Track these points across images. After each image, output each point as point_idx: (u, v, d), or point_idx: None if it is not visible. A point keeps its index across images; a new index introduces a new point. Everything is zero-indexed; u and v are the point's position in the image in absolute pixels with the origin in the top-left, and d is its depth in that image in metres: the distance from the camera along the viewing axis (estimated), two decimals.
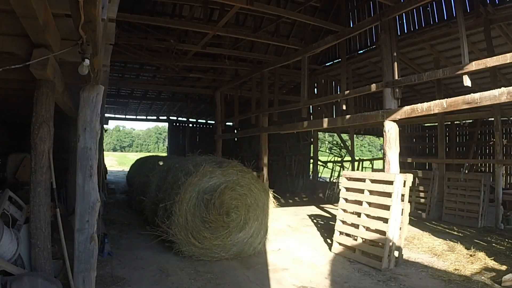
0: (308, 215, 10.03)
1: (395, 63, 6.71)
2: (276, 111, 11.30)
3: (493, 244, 7.00)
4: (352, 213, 6.38)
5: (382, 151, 6.71)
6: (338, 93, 12.54)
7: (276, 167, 16.65)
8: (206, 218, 5.92)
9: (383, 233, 5.61)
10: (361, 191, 6.23)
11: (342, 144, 15.46)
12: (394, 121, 6.49)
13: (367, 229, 5.97)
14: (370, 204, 6.05)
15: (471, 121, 14.91)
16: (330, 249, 6.54)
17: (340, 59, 12.15)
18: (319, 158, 15.87)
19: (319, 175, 16.15)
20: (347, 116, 7.73)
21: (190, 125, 21.38)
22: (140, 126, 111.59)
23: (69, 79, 4.28)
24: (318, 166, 15.68)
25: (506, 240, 7.27)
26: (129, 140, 77.75)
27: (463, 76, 5.66)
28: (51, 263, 3.57)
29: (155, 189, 7.48)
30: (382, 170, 7.06)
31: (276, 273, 5.37)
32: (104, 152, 12.99)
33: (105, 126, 12.57)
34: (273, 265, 5.71)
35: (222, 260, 5.88)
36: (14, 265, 3.40)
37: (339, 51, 12.39)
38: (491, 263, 5.76)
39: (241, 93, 14.49)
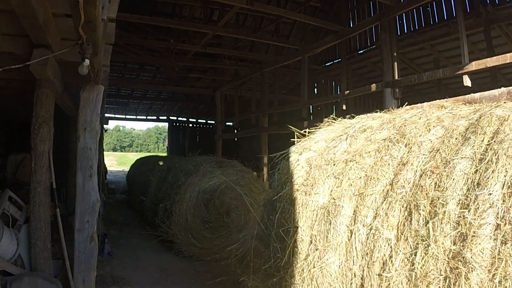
0: None
1: (395, 63, 6.71)
2: (276, 111, 11.29)
3: None
4: None
5: None
6: (338, 93, 12.53)
7: None
8: (206, 218, 5.92)
9: None
10: None
11: None
12: None
13: None
14: None
15: None
16: None
17: (340, 59, 12.14)
18: None
19: None
20: (347, 116, 7.72)
21: (190, 125, 21.37)
22: (140, 126, 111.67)
23: (69, 79, 4.29)
24: None
25: None
26: (129, 140, 77.73)
27: (463, 76, 5.66)
28: (51, 263, 3.57)
29: (155, 189, 7.48)
30: None
31: None
32: (104, 152, 12.99)
33: (105, 126, 12.57)
34: None
35: (222, 260, 5.88)
36: (14, 265, 3.40)
37: (339, 51, 12.38)
38: None
39: (241, 93, 14.48)
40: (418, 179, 2.14)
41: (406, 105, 3.00)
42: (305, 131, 3.41)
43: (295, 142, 3.32)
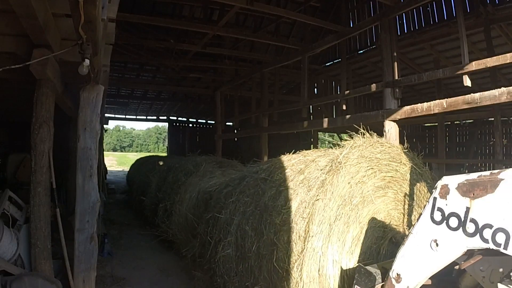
0: None
1: (395, 63, 6.70)
2: (276, 111, 11.29)
3: None
4: None
5: None
6: (338, 93, 12.53)
7: None
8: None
9: None
10: None
11: None
12: (394, 121, 6.48)
13: None
14: None
15: (471, 121, 14.91)
16: None
17: (340, 59, 12.14)
18: None
19: None
20: (347, 116, 7.73)
21: (190, 125, 21.37)
22: (140, 126, 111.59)
23: (69, 79, 4.29)
24: None
25: None
26: (129, 140, 77.70)
27: (463, 76, 5.66)
28: (51, 263, 3.57)
29: (155, 189, 7.48)
30: None
31: None
32: (104, 152, 12.99)
33: (105, 126, 12.57)
34: None
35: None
36: (14, 265, 3.40)
37: (339, 51, 12.37)
38: None
39: (241, 93, 14.48)
40: (267, 201, 3.70)
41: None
42: None
43: None
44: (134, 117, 22.94)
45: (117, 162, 36.28)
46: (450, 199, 1.94)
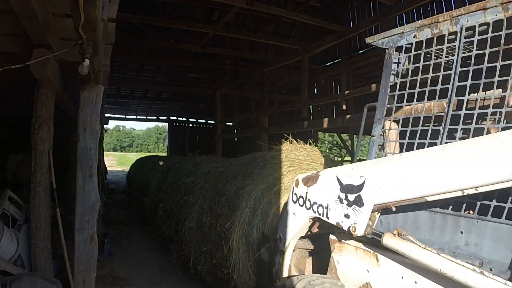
0: None
1: None
2: (276, 111, 11.29)
3: None
4: None
5: None
6: (338, 93, 12.53)
7: None
8: None
9: None
10: None
11: (342, 144, 15.43)
12: (394, 121, 6.48)
13: None
14: None
15: None
16: None
17: (340, 59, 12.14)
18: None
19: None
20: (347, 116, 7.73)
21: (190, 125, 21.36)
22: (140, 126, 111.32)
23: (69, 79, 4.28)
24: None
25: None
26: (129, 140, 77.70)
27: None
28: (51, 263, 3.57)
29: (155, 189, 7.48)
30: None
31: None
32: (104, 152, 12.98)
33: (105, 126, 12.58)
34: None
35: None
36: (14, 265, 3.39)
37: (339, 51, 12.37)
38: None
39: (241, 93, 14.48)
40: (220, 187, 4.73)
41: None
42: None
43: None
44: (134, 117, 22.96)
45: (117, 162, 36.27)
46: (299, 187, 2.91)
